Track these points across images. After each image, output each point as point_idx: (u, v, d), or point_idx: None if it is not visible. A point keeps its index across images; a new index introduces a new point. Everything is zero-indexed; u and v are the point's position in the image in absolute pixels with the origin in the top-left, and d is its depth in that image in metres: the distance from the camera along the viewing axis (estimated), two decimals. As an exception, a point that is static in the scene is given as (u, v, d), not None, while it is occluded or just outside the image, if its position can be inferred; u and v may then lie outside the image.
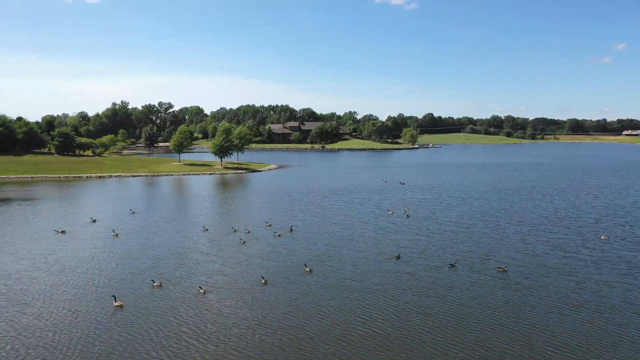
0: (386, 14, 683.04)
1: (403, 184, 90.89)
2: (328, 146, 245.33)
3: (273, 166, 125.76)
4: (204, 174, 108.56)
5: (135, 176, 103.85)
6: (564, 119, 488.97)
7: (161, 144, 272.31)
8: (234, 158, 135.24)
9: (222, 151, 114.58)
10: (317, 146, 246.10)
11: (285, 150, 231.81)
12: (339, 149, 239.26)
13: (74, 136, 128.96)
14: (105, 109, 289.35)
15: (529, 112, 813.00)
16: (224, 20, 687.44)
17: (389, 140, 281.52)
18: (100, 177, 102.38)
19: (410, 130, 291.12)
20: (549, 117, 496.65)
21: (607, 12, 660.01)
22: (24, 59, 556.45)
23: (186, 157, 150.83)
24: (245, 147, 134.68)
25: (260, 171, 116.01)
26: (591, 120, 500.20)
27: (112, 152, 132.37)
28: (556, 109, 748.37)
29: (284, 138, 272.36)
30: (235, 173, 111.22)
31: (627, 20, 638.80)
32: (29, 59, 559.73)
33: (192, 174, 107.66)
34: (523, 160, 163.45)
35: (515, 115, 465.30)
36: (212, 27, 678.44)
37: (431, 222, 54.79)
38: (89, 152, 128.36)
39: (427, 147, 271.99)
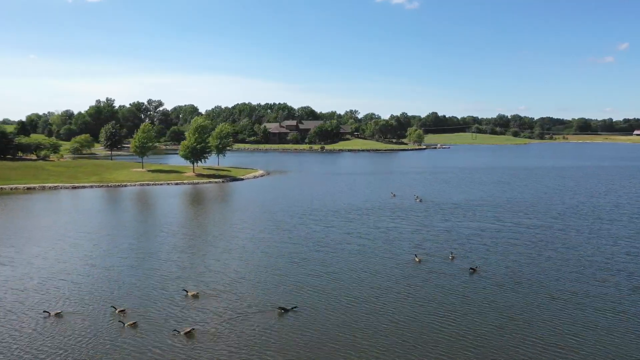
0: (387, 14, 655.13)
1: (420, 200, 64.15)
2: (328, 147, 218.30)
3: (260, 172, 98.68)
4: (168, 184, 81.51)
5: (76, 187, 76.89)
6: (568, 118, 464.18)
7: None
8: (214, 162, 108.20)
9: (194, 154, 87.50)
10: (315, 147, 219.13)
11: (281, 152, 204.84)
12: (339, 149, 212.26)
13: (13, 136, 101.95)
14: (88, 107, 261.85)
15: (530, 111, 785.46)
16: (224, 20, 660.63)
17: (394, 141, 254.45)
18: (29, 188, 75.41)
19: (417, 130, 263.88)
20: (551, 117, 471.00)
21: (609, 12, 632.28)
22: (23, 58, 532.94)
23: (168, 160, 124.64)
24: (228, 148, 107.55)
25: (242, 179, 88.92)
26: (597, 120, 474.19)
27: (61, 156, 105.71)
28: (558, 108, 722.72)
29: (280, 138, 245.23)
30: (209, 182, 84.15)
31: (629, 19, 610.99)
32: (29, 59, 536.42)
33: (153, 184, 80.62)
34: (557, 164, 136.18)
35: (516, 115, 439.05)
36: (212, 27, 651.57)
37: (540, 294, 27.83)
38: (32, 155, 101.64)
39: (435, 148, 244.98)
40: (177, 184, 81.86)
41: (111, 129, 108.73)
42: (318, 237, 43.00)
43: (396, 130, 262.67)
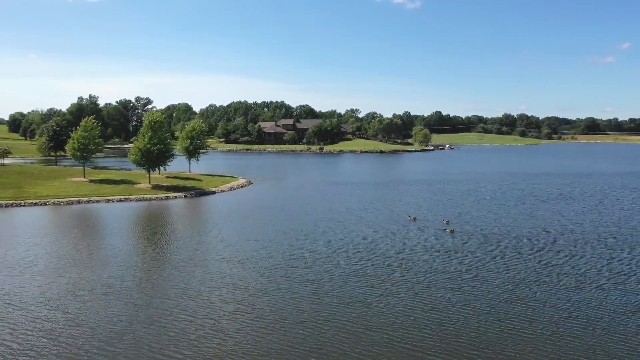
0: (387, 13, 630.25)
1: (452, 230, 40.95)
2: (327, 147, 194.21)
3: (241, 182, 74.52)
4: (107, 200, 57.46)
5: (-27, 207, 52.90)
6: (572, 118, 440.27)
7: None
8: (186, 168, 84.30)
9: (148, 160, 63.33)
10: (314, 147, 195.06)
11: (277, 153, 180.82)
12: (340, 150, 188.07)
13: None
14: (70, 105, 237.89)
15: (530, 111, 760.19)
16: (224, 20, 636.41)
17: (398, 141, 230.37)
18: None
19: (423, 129, 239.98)
20: (556, 116, 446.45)
21: (610, 11, 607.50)
22: (23, 58, 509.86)
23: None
24: (203, 151, 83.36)
25: (214, 192, 64.87)
26: (602, 120, 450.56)
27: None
28: (558, 108, 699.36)
29: (276, 138, 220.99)
30: (167, 198, 60.07)
31: (631, 19, 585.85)
32: (28, 58, 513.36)
33: (86, 202, 56.63)
34: (602, 168, 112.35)
35: (522, 114, 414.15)
36: (212, 27, 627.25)
37: None
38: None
39: (443, 149, 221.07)
40: (120, 200, 57.80)
41: (54, 127, 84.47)
42: (321, 348, 19.15)
43: (401, 129, 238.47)
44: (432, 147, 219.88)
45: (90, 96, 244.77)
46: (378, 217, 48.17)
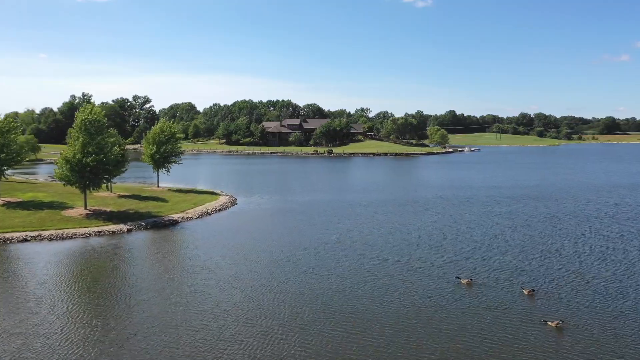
0: (397, 11, 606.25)
1: (558, 324, 20.60)
2: (336, 149, 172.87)
3: (221, 201, 53.15)
4: (2, 242, 36.50)
5: None
6: (587, 117, 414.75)
7: (130, 146, 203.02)
8: (154, 180, 63.45)
9: (81, 176, 42.43)
10: (321, 150, 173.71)
11: (280, 156, 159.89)
12: (350, 153, 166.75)
13: None
14: (61, 104, 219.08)
15: (541, 111, 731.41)
16: (230, 17, 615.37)
17: (413, 142, 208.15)
18: None
19: (440, 130, 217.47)
20: (573, 115, 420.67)
21: (624, 9, 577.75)
22: (33, 58, 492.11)
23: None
24: (174, 160, 62.08)
25: (175, 223, 43.59)
26: (619, 119, 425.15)
27: None
28: (570, 107, 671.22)
29: (280, 139, 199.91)
30: (99, 234, 38.92)
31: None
32: (39, 58, 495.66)
33: (-30, 243, 35.80)
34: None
35: (540, 114, 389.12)
36: (218, 25, 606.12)
37: None
38: None
39: (463, 151, 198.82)
40: (24, 239, 36.88)
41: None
42: None
43: (416, 130, 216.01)
44: (451, 149, 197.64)
45: (83, 94, 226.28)
46: (431, 281, 27.06)
